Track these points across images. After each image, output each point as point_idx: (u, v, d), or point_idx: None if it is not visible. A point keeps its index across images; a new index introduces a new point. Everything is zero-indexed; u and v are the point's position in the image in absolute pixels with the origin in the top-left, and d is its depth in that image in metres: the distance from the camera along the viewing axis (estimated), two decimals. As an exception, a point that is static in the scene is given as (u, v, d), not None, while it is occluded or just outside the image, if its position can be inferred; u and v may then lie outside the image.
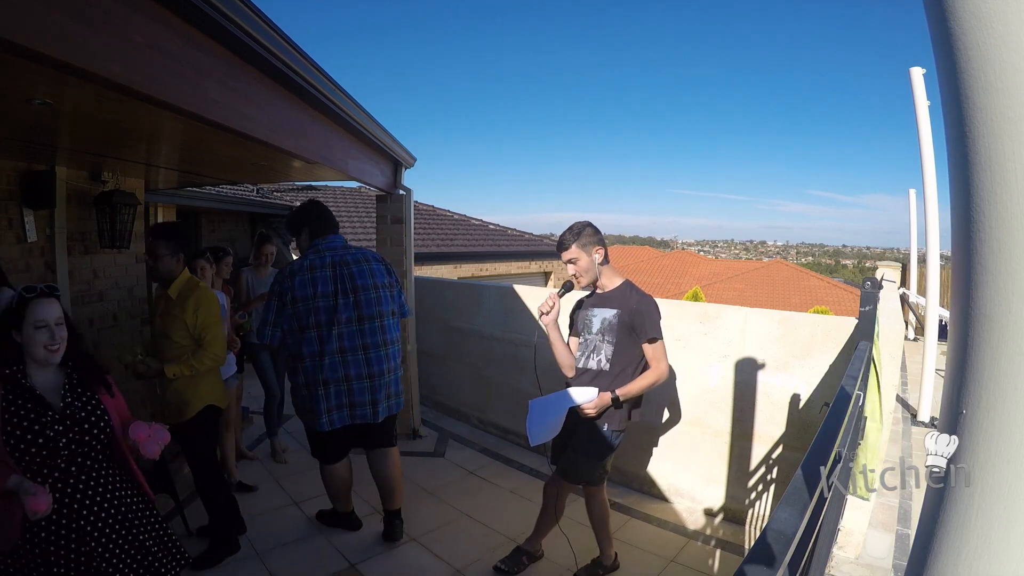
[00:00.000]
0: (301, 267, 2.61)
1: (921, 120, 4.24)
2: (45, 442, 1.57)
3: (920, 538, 0.67)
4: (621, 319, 2.35)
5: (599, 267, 2.40)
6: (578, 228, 2.40)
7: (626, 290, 2.42)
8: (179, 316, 2.53)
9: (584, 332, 2.46)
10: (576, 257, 2.38)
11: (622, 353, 2.36)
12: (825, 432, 1.29)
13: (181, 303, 2.54)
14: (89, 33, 1.27)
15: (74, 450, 1.63)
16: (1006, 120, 0.50)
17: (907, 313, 8.21)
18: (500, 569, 2.59)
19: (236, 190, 7.81)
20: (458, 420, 4.81)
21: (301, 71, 2.28)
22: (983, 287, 0.55)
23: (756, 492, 3.09)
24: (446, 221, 12.85)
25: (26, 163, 2.91)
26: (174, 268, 2.56)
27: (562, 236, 2.42)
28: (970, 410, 0.58)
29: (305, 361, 2.59)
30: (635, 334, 2.34)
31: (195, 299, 2.54)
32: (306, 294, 2.56)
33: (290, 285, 2.57)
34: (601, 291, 2.46)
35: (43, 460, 1.57)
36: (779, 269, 20.95)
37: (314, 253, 2.67)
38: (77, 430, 1.64)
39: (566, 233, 2.41)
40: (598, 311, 2.42)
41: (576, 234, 2.38)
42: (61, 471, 1.61)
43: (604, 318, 2.39)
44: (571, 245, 2.38)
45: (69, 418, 1.64)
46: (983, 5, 0.50)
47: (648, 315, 2.33)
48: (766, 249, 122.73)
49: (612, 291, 2.43)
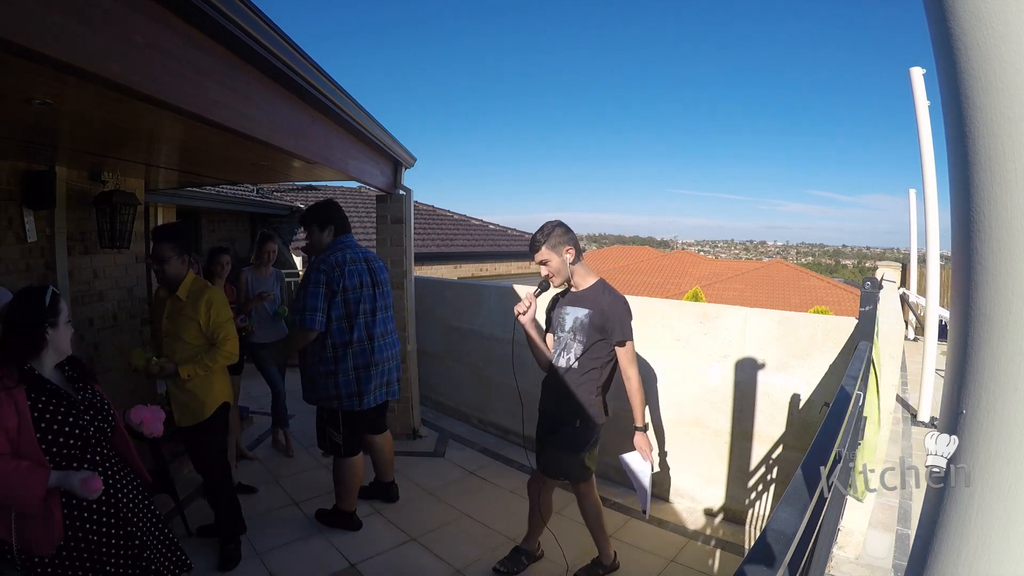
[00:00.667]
0: (345, 259, 2.81)
1: (921, 120, 4.24)
2: (81, 432, 1.62)
3: (920, 538, 0.67)
4: (592, 319, 2.37)
5: (571, 266, 2.42)
6: (548, 229, 2.41)
7: (599, 289, 2.43)
8: (192, 317, 2.53)
9: (557, 330, 2.49)
10: (547, 259, 2.40)
11: (591, 352, 2.39)
12: (825, 432, 1.29)
13: (193, 304, 2.53)
14: (89, 33, 1.27)
15: (99, 439, 1.70)
16: (1006, 120, 0.50)
17: (907, 313, 8.20)
18: (499, 571, 2.60)
19: (236, 190, 7.81)
20: (458, 420, 4.81)
21: (301, 71, 2.28)
22: (983, 287, 0.55)
23: (756, 492, 3.09)
24: (446, 221, 12.85)
25: (26, 163, 2.91)
26: (181, 270, 2.56)
27: (533, 238, 2.43)
28: (970, 410, 0.58)
29: (354, 346, 2.82)
30: (605, 335, 2.37)
31: (207, 299, 2.54)
32: (354, 284, 2.81)
33: (340, 275, 2.76)
34: (575, 290, 2.47)
35: (80, 451, 1.62)
36: (779, 269, 20.94)
37: (345, 249, 2.86)
38: (100, 417, 1.71)
39: (536, 234, 2.42)
40: (571, 309, 2.44)
41: (546, 235, 2.39)
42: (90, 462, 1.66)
43: (576, 317, 2.41)
44: (541, 247, 2.40)
45: (92, 407, 1.70)
46: (983, 5, 0.50)
47: (619, 318, 2.35)
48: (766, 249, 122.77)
49: (585, 290, 2.45)
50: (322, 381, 2.81)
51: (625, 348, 2.37)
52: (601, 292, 2.42)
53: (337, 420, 2.86)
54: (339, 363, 2.80)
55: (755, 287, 18.26)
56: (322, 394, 2.83)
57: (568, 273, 2.42)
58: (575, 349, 2.41)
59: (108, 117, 2.01)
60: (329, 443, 2.91)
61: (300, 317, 2.71)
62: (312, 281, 2.74)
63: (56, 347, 1.68)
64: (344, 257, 2.81)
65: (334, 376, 2.81)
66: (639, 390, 2.40)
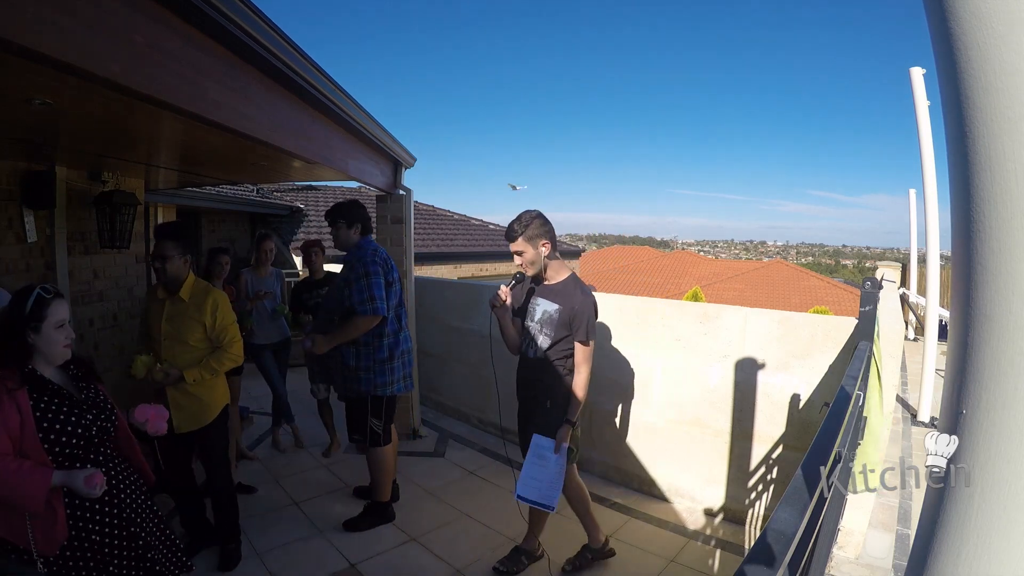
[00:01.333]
0: (386, 255, 2.99)
1: (921, 120, 4.24)
2: (83, 431, 1.61)
3: (920, 538, 0.67)
4: (562, 315, 2.39)
5: (545, 260, 2.43)
6: (526, 220, 2.40)
7: (570, 285, 2.45)
8: (196, 319, 2.46)
9: (527, 320, 2.51)
10: (522, 250, 2.41)
11: (557, 346, 2.42)
12: (825, 432, 1.29)
13: (197, 305, 2.47)
14: (89, 33, 1.27)
15: (102, 439, 1.69)
16: (1006, 120, 0.50)
17: (907, 313, 8.20)
18: (499, 570, 2.60)
19: (236, 190, 7.81)
20: (458, 420, 4.80)
21: (301, 71, 2.28)
22: (983, 287, 0.55)
23: (756, 492, 3.09)
24: (446, 221, 12.85)
25: (26, 163, 2.91)
26: (183, 270, 2.49)
27: (510, 226, 2.42)
28: (970, 410, 0.58)
29: (401, 333, 3.04)
30: (571, 331, 2.40)
31: (212, 301, 2.49)
32: (396, 277, 3.00)
33: (388, 268, 2.94)
34: (547, 283, 2.48)
35: (83, 451, 1.62)
36: (779, 269, 20.94)
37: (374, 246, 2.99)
38: (104, 416, 1.70)
39: (514, 223, 2.41)
40: (541, 302, 2.47)
41: (524, 226, 2.39)
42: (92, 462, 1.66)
43: (545, 310, 2.44)
44: (518, 237, 2.40)
45: (95, 406, 1.69)
46: (983, 5, 0.50)
47: (587, 317, 2.37)
48: (766, 249, 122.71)
49: (556, 284, 2.47)
50: (377, 368, 2.91)
51: (586, 347, 2.40)
52: (573, 289, 2.43)
53: (381, 407, 2.95)
54: (394, 349, 2.96)
55: (755, 287, 18.26)
56: (375, 382, 2.91)
57: (542, 265, 2.43)
58: (541, 341, 2.44)
59: (108, 117, 2.01)
60: (370, 434, 2.95)
61: (371, 305, 2.78)
62: (372, 272, 2.83)
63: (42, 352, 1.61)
64: (384, 253, 2.99)
65: (389, 362, 2.94)
66: (583, 388, 2.42)
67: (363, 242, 2.99)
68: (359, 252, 2.93)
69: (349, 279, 2.86)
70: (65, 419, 1.59)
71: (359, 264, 2.86)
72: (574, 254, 14.50)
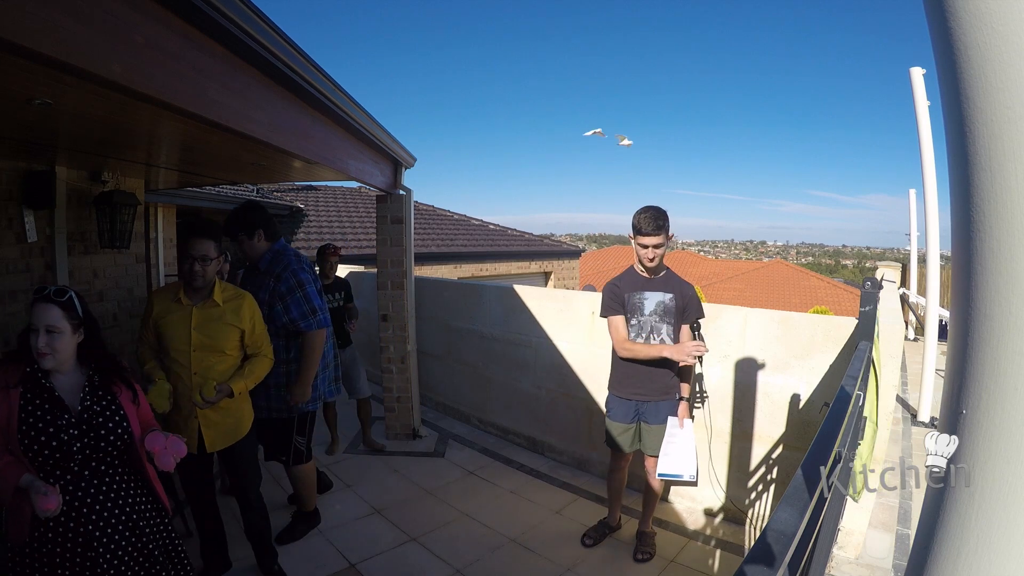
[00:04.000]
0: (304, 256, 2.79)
1: (921, 120, 4.24)
2: (59, 444, 1.57)
3: (920, 538, 0.67)
4: (677, 303, 2.58)
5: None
6: (665, 215, 2.51)
7: (671, 275, 2.66)
8: (234, 324, 2.24)
9: (636, 314, 2.61)
10: (662, 243, 2.52)
11: (677, 332, 2.62)
12: (825, 432, 1.29)
13: (234, 310, 2.25)
14: (89, 33, 1.27)
15: (88, 454, 1.63)
16: (1006, 120, 0.50)
17: (907, 313, 8.20)
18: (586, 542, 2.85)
19: (236, 190, 7.81)
20: (458, 420, 4.80)
21: (301, 71, 2.28)
22: (983, 287, 0.55)
23: (756, 492, 3.08)
24: (446, 221, 12.85)
25: (26, 163, 2.91)
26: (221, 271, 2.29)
27: (656, 217, 2.48)
28: (970, 410, 0.58)
29: (328, 342, 2.86)
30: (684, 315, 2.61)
31: (247, 305, 2.30)
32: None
33: (314, 273, 2.77)
34: (652, 276, 2.62)
35: (56, 462, 1.58)
36: (779, 269, 20.94)
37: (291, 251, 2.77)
38: (93, 435, 1.63)
39: (661, 215, 2.49)
40: (649, 294, 2.60)
41: (666, 219, 2.51)
42: (73, 474, 1.61)
43: (659, 301, 2.60)
44: (668, 230, 2.52)
45: (86, 422, 1.63)
46: (983, 5, 0.50)
47: (697, 301, 2.63)
48: (766, 249, 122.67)
49: (662, 276, 2.64)
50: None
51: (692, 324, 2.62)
52: (673, 277, 2.65)
53: (306, 424, 2.75)
54: (324, 358, 2.81)
55: (755, 287, 18.25)
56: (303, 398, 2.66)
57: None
58: (666, 330, 2.59)
59: (108, 117, 2.01)
60: (293, 453, 2.74)
61: (315, 319, 2.61)
62: (305, 281, 2.62)
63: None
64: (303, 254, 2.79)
65: (323, 372, 2.80)
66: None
67: (278, 247, 2.70)
68: (281, 260, 2.66)
69: (279, 293, 2.59)
70: (43, 427, 1.56)
71: (287, 275, 2.60)
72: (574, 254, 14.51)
